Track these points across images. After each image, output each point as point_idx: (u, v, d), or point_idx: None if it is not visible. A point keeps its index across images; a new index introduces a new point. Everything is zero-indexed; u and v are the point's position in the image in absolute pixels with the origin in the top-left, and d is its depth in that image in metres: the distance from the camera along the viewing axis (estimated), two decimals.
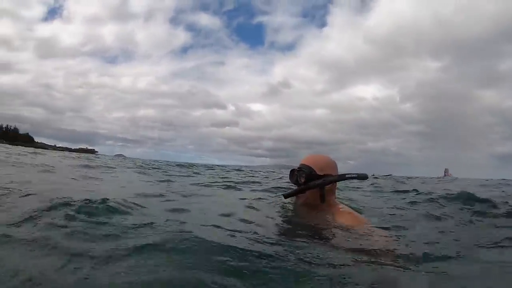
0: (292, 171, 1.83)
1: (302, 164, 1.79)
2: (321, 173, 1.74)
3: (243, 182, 5.38)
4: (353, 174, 1.76)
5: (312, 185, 1.73)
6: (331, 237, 1.49)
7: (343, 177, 1.77)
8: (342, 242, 1.41)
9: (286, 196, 1.90)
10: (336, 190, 1.88)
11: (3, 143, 38.18)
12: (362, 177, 1.75)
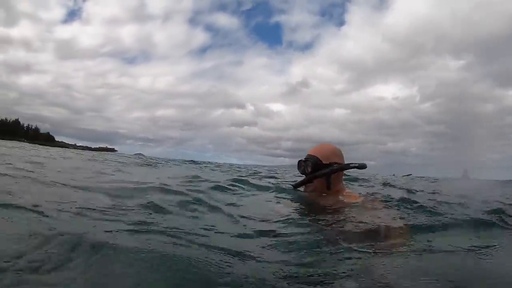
0: (300, 162, 1.88)
1: (308, 155, 1.85)
2: (327, 162, 1.80)
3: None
4: (355, 163, 1.83)
5: (319, 174, 1.78)
6: (334, 214, 1.53)
7: (347, 166, 1.82)
8: (346, 217, 1.45)
9: (295, 186, 2.02)
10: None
11: (23, 142, 39.40)
12: (362, 166, 1.84)
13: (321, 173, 1.77)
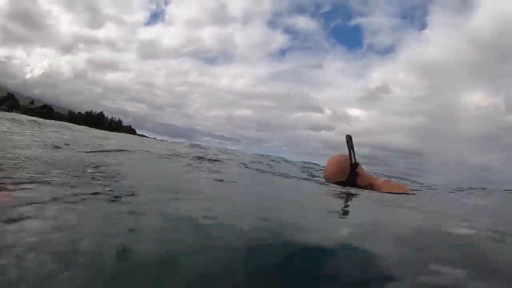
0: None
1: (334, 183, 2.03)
2: (346, 177, 1.99)
3: None
4: (353, 154, 2.00)
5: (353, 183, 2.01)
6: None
7: (355, 167, 2.00)
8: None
9: None
10: None
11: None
12: (347, 138, 2.00)
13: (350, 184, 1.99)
